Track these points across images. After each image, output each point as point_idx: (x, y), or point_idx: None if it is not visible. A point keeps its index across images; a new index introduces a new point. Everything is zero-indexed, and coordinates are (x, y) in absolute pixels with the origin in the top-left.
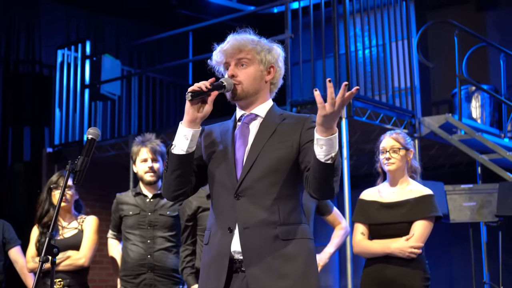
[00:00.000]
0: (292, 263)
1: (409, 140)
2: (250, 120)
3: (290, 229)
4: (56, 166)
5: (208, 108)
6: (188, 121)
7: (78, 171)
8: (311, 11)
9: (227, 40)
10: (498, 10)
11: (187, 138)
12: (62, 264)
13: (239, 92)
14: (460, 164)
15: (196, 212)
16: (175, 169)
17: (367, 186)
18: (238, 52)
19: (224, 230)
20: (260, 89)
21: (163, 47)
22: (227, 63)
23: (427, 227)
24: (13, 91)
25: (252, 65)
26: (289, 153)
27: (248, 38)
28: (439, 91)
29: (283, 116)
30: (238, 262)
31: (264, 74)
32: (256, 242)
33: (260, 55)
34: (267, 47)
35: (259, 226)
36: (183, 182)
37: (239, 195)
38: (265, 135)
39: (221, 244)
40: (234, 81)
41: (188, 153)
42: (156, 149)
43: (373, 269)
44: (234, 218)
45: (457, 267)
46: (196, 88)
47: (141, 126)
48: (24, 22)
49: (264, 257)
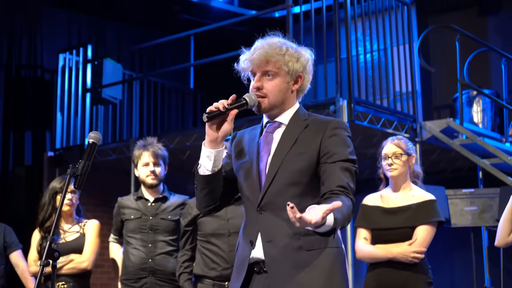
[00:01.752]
0: (315, 273)
1: (411, 146)
2: (273, 128)
3: (314, 239)
4: (57, 170)
5: (228, 127)
6: (209, 141)
7: (79, 175)
8: (313, 16)
9: (254, 47)
10: (499, 15)
11: (210, 159)
12: (66, 267)
13: (265, 106)
14: (462, 169)
15: (196, 217)
16: (203, 188)
17: (369, 191)
18: (265, 64)
19: (246, 242)
20: (286, 99)
21: (165, 51)
22: (253, 71)
23: (430, 232)
24: (15, 95)
25: (278, 77)
26: (309, 165)
27: (275, 47)
28: (441, 96)
29: (307, 122)
30: (260, 263)
31: (290, 85)
32: (280, 253)
33: (287, 66)
34: (296, 55)
35: (282, 238)
36: (212, 198)
37: (262, 209)
38: (286, 145)
39: (243, 255)
40: (260, 93)
41: (214, 172)
42: (158, 153)
43: (376, 274)
44: (256, 232)
45: (458, 272)
46: (213, 109)
47: (143, 130)
48: (26, 27)
49: (288, 267)
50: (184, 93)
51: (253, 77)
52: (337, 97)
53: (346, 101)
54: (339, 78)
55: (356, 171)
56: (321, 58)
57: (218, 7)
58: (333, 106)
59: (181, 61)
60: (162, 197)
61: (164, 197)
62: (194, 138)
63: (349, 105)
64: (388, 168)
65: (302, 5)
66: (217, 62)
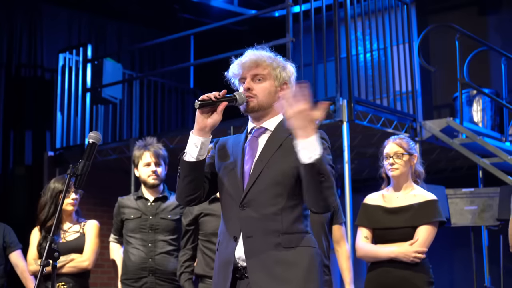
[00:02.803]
0: (294, 269)
1: (413, 145)
2: (259, 133)
3: (292, 238)
4: (57, 169)
5: (217, 117)
6: (198, 129)
7: (79, 175)
8: (312, 15)
9: (245, 55)
10: (499, 14)
11: (197, 146)
12: (67, 266)
13: (253, 105)
14: (461, 168)
15: (198, 217)
16: (186, 176)
17: (369, 190)
18: (255, 67)
19: (230, 238)
20: (273, 104)
21: (165, 51)
22: (243, 77)
23: (431, 232)
24: (15, 94)
25: (267, 80)
26: (292, 168)
27: (265, 54)
28: (440, 95)
29: (290, 131)
30: (242, 268)
31: (277, 90)
32: (259, 250)
33: (275, 71)
34: (282, 64)
35: (262, 234)
36: (194, 187)
37: (244, 206)
38: (271, 149)
39: (227, 252)
40: (249, 94)
41: (198, 160)
42: (159, 153)
43: (377, 274)
44: (238, 227)
45: (458, 271)
46: (205, 98)
47: (143, 130)
48: (26, 26)
49: (267, 263)
50: (184, 92)
51: (242, 85)
52: (337, 97)
53: (346, 101)
54: (339, 78)
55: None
56: (321, 58)
57: (218, 7)
58: (333, 106)
59: (181, 61)
60: (162, 197)
61: (164, 196)
62: None
63: (349, 105)
64: (389, 168)
65: (302, 5)
66: (217, 62)
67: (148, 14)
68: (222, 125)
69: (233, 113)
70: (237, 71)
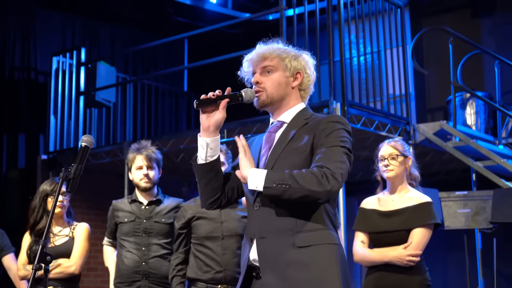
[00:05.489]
0: (307, 271)
1: (408, 148)
2: (276, 128)
3: (307, 236)
4: (51, 173)
5: (220, 115)
6: (203, 130)
7: (72, 179)
8: (306, 18)
9: (254, 50)
10: (493, 18)
11: (203, 147)
12: (53, 272)
13: (263, 99)
14: (455, 171)
15: (191, 220)
16: (201, 179)
17: (362, 193)
18: (263, 60)
19: (248, 239)
20: (286, 95)
21: (159, 54)
22: (254, 72)
23: (425, 234)
24: (8, 98)
25: (276, 72)
26: (302, 158)
27: (273, 46)
28: (434, 98)
29: (307, 120)
30: (257, 268)
31: (290, 80)
32: (272, 251)
33: (284, 61)
34: (293, 54)
35: (275, 234)
36: (212, 189)
37: (257, 205)
38: (283, 142)
39: (245, 253)
40: (258, 87)
41: (208, 161)
42: (151, 156)
43: (374, 277)
44: (254, 228)
45: (451, 274)
46: (204, 97)
47: (136, 133)
48: (20, 29)
49: (279, 265)
50: (178, 95)
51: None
52: (331, 100)
53: (339, 104)
54: (333, 81)
55: (345, 151)
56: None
57: (212, 10)
58: (326, 109)
59: (175, 64)
60: (156, 200)
61: (158, 200)
62: (187, 141)
63: (342, 108)
64: (384, 170)
65: (295, 8)
66: (211, 65)
67: (142, 17)
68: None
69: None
70: (247, 69)
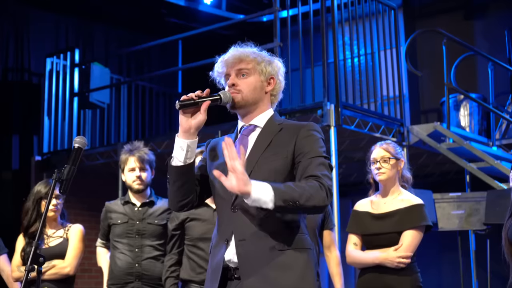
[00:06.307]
0: (288, 273)
1: (400, 150)
2: (249, 132)
3: (286, 240)
4: (44, 174)
5: (201, 117)
6: (182, 131)
7: (65, 180)
8: (300, 20)
9: (228, 51)
10: (486, 19)
11: (183, 149)
12: (48, 273)
13: (238, 101)
14: (449, 173)
15: (184, 221)
16: (176, 180)
17: (356, 194)
18: (239, 62)
19: (222, 241)
20: (260, 99)
21: (152, 55)
22: (228, 74)
23: (416, 236)
24: (2, 99)
25: (252, 75)
26: (283, 164)
27: (249, 49)
28: (428, 100)
29: (282, 126)
30: (232, 269)
31: (264, 85)
32: (252, 253)
33: (260, 66)
34: (268, 59)
35: (255, 237)
36: (185, 192)
37: (235, 208)
38: (261, 146)
39: (218, 255)
40: (234, 89)
41: (186, 164)
42: (144, 158)
43: (366, 279)
44: (230, 230)
45: (446, 275)
46: (186, 98)
47: (130, 134)
48: (13, 30)
49: (260, 267)
50: (172, 97)
51: (227, 83)
52: (325, 101)
53: (333, 105)
54: (327, 82)
55: (330, 164)
56: (309, 62)
57: (206, 11)
58: (320, 110)
59: (169, 65)
60: (149, 202)
61: (151, 201)
62: None
63: (336, 109)
64: (376, 172)
65: (289, 10)
66: (205, 66)
67: (136, 19)
68: (210, 130)
69: (221, 117)
70: (221, 69)
